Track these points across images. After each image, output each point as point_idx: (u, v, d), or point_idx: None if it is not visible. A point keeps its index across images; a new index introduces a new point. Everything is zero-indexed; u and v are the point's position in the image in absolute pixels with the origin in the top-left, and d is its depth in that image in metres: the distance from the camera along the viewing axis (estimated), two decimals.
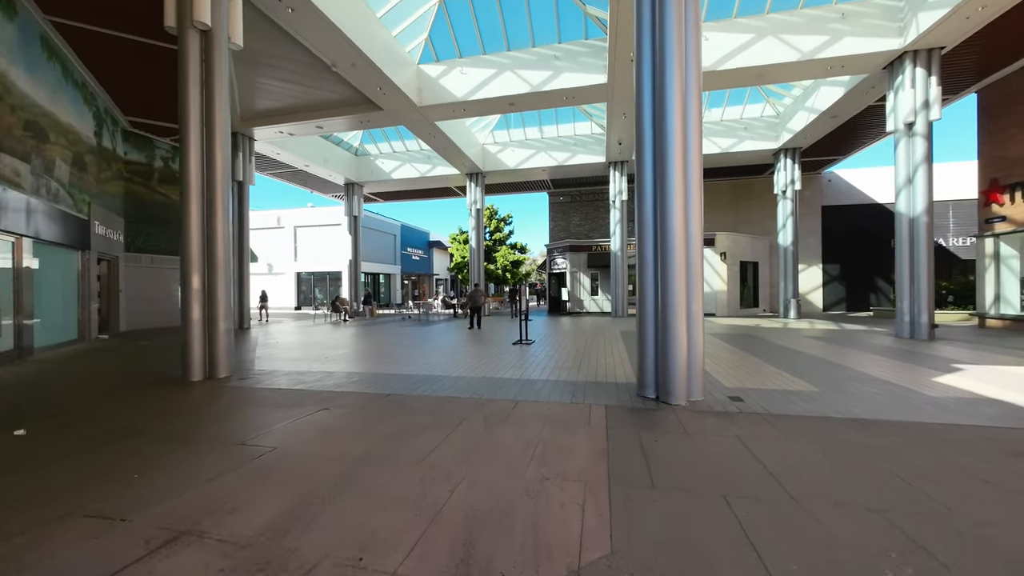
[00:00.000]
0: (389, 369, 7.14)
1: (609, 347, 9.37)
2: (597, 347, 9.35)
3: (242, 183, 15.68)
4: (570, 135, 20.11)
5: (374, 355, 8.60)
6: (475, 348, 9.44)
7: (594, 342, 10.20)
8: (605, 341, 10.36)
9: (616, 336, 11.38)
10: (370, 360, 8.02)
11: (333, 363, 7.75)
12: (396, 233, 35.21)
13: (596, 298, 21.98)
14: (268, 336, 12.69)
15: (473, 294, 13.87)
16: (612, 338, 10.95)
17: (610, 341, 10.37)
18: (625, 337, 11.10)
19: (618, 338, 10.95)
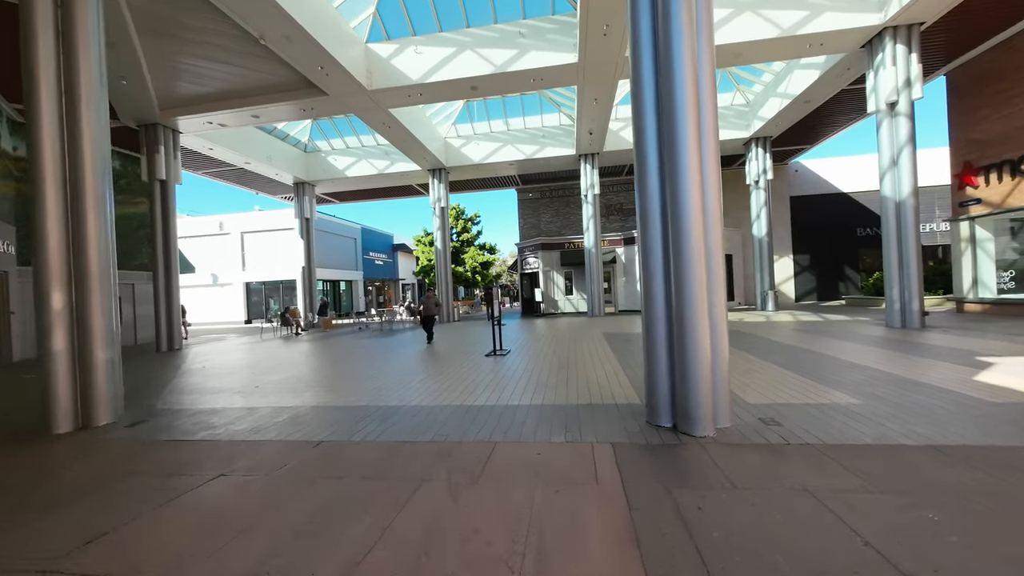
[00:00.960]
0: (330, 399, 5.69)
1: (595, 353, 8.26)
2: (581, 354, 8.21)
3: (166, 182, 13.59)
4: (538, 127, 19.05)
5: (317, 379, 7.10)
6: (442, 364, 8.09)
7: (577, 348, 9.07)
8: (589, 346, 9.25)
9: (599, 339, 10.31)
10: (310, 387, 6.53)
11: (261, 394, 6.21)
12: (356, 236, 33.11)
13: (571, 298, 21.03)
14: (198, 359, 10.82)
15: (424, 302, 11.63)
16: (595, 342, 9.87)
17: (595, 346, 9.27)
18: (610, 340, 10.05)
19: (602, 341, 9.88)
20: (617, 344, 9.37)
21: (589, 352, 8.42)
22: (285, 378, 7.30)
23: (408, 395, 5.65)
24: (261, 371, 8.16)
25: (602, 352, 8.38)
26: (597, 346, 9.20)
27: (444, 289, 19.70)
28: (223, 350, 12.48)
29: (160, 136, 13.41)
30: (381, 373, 7.24)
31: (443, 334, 13.77)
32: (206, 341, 15.90)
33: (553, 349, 9.04)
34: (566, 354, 8.32)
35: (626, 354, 8.02)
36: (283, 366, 8.62)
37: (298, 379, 7.17)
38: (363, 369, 7.69)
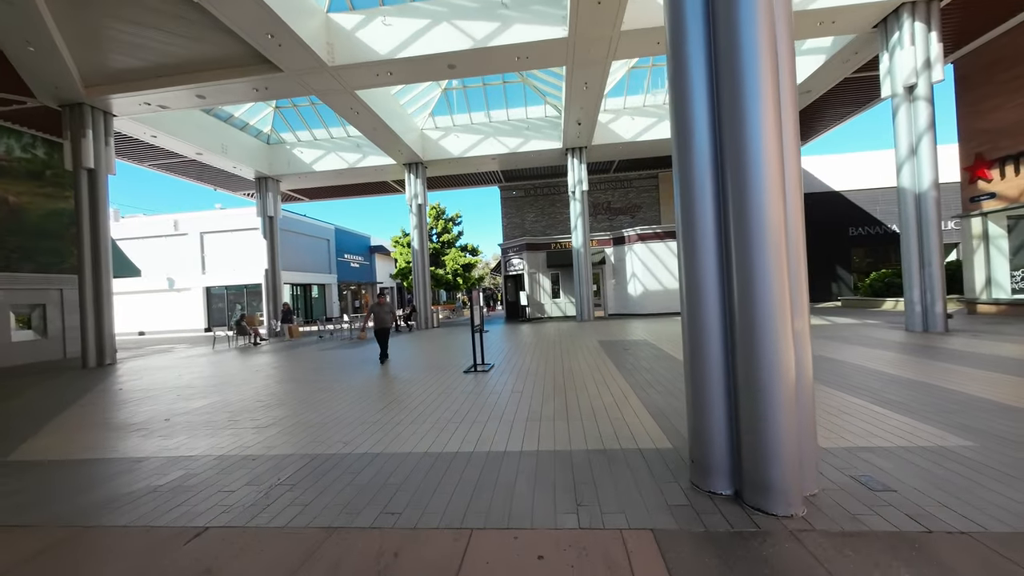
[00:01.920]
0: (251, 441, 4.23)
1: (595, 368, 6.98)
2: (579, 370, 6.92)
3: (95, 171, 11.76)
4: (522, 119, 17.81)
5: (248, 407, 5.60)
6: (411, 384, 6.68)
7: (572, 361, 7.78)
8: (586, 358, 7.98)
9: (595, 349, 9.05)
10: (234, 421, 5.03)
11: (167, 431, 4.69)
12: (330, 238, 31.25)
13: (558, 301, 19.82)
14: (123, 378, 9.09)
15: (375, 310, 8.65)
16: (592, 353, 8.60)
17: (592, 358, 8.00)
18: (608, 350, 8.80)
19: (599, 352, 8.62)
20: (617, 355, 8.12)
21: (588, 367, 7.14)
22: (210, 406, 5.77)
23: (358, 435, 4.23)
24: (187, 395, 6.59)
25: (603, 366, 7.11)
26: (595, 358, 7.93)
27: (422, 292, 18.22)
28: (161, 366, 10.73)
29: (87, 118, 11.60)
30: (333, 398, 5.78)
31: (418, 343, 12.32)
32: (150, 354, 14.02)
33: (544, 363, 7.73)
34: (561, 370, 7.01)
35: (632, 368, 6.77)
36: (218, 387, 7.06)
37: (225, 408, 5.65)
38: (312, 393, 6.22)
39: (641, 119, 17.01)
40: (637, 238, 18.45)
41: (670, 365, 6.82)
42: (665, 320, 15.44)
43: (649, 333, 11.42)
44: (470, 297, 7.23)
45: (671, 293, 18.01)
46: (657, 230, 18.31)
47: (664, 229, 18.26)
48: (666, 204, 21.93)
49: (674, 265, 17.98)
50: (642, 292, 18.34)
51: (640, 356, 7.82)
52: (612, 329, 13.24)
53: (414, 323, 18.01)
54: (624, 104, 17.16)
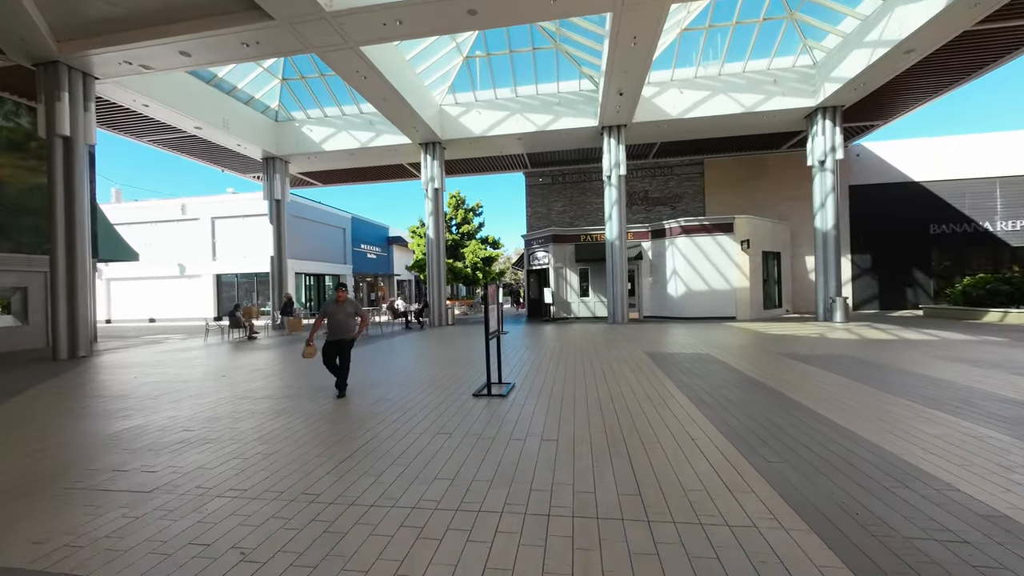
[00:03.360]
0: (150, 506, 2.46)
1: (661, 401, 4.98)
2: (637, 403, 4.94)
3: (71, 140, 10.45)
4: (552, 93, 15.77)
5: (151, 445, 3.88)
6: (391, 417, 4.84)
7: (622, 383, 5.80)
8: (640, 381, 5.97)
9: (645, 365, 7.03)
10: (149, 468, 3.30)
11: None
12: (346, 227, 30.00)
13: (586, 300, 17.75)
14: (72, 379, 7.65)
15: (329, 311, 5.50)
16: (644, 371, 6.59)
17: (649, 381, 5.99)
18: (664, 366, 6.77)
19: (652, 370, 6.60)
20: (680, 376, 6.09)
21: (645, 395, 5.14)
22: (139, 429, 4.09)
23: (274, 534, 2.40)
24: (108, 412, 4.97)
25: (668, 397, 5.10)
26: (651, 380, 5.92)
27: (436, 285, 16.50)
28: (133, 361, 9.32)
29: (62, 79, 10.28)
30: (280, 433, 4.01)
31: (426, 345, 10.56)
32: (136, 345, 12.77)
33: (583, 384, 5.77)
34: (608, 398, 5.04)
35: (715, 404, 4.74)
36: (158, 400, 5.43)
37: (121, 443, 3.95)
38: (264, 421, 4.47)
39: (692, 92, 14.70)
40: (680, 231, 16.18)
41: (771, 401, 4.76)
42: (712, 326, 13.19)
43: (705, 343, 9.29)
44: (486, 292, 5.34)
45: (718, 295, 15.70)
46: (705, 222, 15.98)
47: (713, 221, 15.92)
48: (713, 194, 19.49)
49: (724, 263, 15.66)
50: (683, 293, 16.09)
51: (714, 380, 5.77)
52: (654, 335, 11.13)
53: (426, 319, 16.31)
54: (672, 76, 14.89)
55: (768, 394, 4.94)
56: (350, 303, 5.51)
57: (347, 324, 5.45)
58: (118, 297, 25.39)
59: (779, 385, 5.33)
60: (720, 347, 8.68)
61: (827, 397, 4.76)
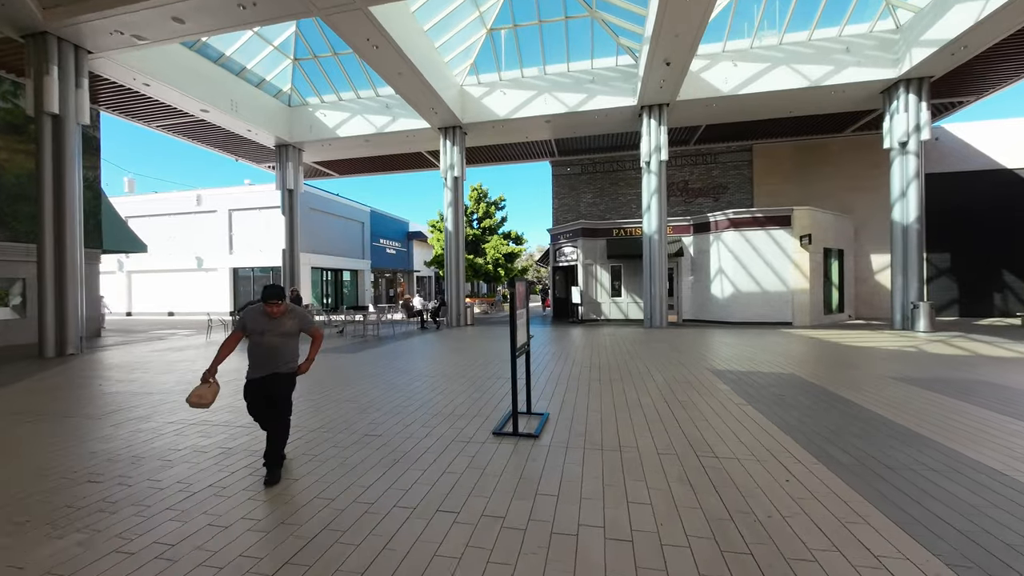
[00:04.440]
0: None
1: (767, 452, 3.44)
2: (730, 453, 3.42)
3: (60, 118, 9.58)
4: (586, 70, 14.17)
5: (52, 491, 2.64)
6: (381, 471, 3.48)
7: (701, 421, 4.27)
8: (722, 415, 4.43)
9: (720, 390, 5.46)
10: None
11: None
12: (365, 220, 29.16)
13: (619, 300, 16.11)
14: (66, 376, 6.66)
15: (252, 328, 3.09)
16: (720, 399, 5.02)
17: (731, 412, 4.44)
18: (746, 393, 5.20)
19: (731, 397, 5.03)
20: (777, 411, 4.50)
21: (749, 452, 3.57)
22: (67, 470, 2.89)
23: None
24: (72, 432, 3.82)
25: (784, 452, 3.53)
26: (742, 420, 4.35)
27: (454, 282, 15.21)
28: (119, 363, 8.35)
29: (52, 52, 9.40)
30: (222, 502, 2.73)
31: (440, 351, 9.23)
32: (136, 341, 11.97)
33: (643, 424, 4.26)
34: (691, 453, 3.52)
35: (864, 469, 3.14)
36: (114, 414, 4.27)
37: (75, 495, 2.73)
38: (182, 471, 3.20)
39: (747, 65, 12.84)
40: (728, 224, 14.33)
41: (944, 463, 3.16)
42: (769, 334, 11.38)
43: (779, 357, 7.61)
44: (512, 292, 3.88)
45: (771, 298, 13.81)
46: (758, 214, 14.09)
47: (767, 213, 14.01)
48: (762, 184, 17.48)
49: (780, 261, 13.76)
50: (730, 294, 14.25)
51: (832, 421, 4.17)
52: (705, 345, 9.46)
53: (443, 319, 15.04)
54: (724, 47, 13.06)
55: (935, 452, 3.32)
56: (293, 315, 3.20)
57: (284, 349, 3.12)
58: (139, 290, 25.25)
59: (935, 432, 3.70)
60: (801, 363, 7.00)
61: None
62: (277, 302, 3.03)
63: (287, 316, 3.16)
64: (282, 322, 3.11)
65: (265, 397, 3.10)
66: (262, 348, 3.07)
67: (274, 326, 3.08)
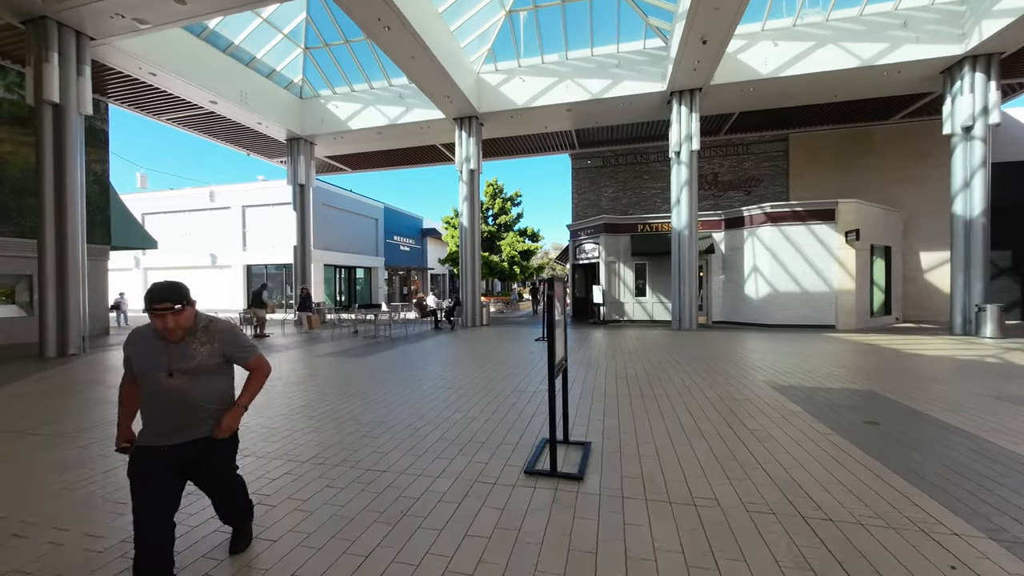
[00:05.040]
0: None
1: (905, 519, 2.60)
2: (841, 511, 2.59)
3: (61, 106, 9.15)
4: (611, 54, 13.26)
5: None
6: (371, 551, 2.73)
7: (781, 455, 3.43)
8: (805, 445, 3.58)
9: (789, 410, 4.59)
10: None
11: None
12: (378, 217, 28.69)
13: (643, 300, 15.18)
14: (54, 381, 6.17)
15: (141, 367, 1.82)
16: (795, 423, 4.16)
17: (815, 442, 3.59)
18: (819, 412, 4.33)
19: (809, 423, 4.16)
20: (876, 443, 3.63)
21: (863, 501, 2.76)
22: None
23: None
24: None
25: (915, 511, 2.69)
26: (836, 455, 3.48)
27: (470, 280, 14.50)
28: (108, 365, 7.86)
29: (52, 37, 8.96)
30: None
31: (455, 355, 8.52)
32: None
33: (710, 457, 3.44)
34: (783, 505, 2.71)
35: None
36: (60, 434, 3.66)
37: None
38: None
39: (789, 45, 11.76)
40: (765, 218, 13.27)
41: None
42: (814, 339, 10.36)
43: (842, 368, 6.67)
44: (549, 294, 3.08)
45: (813, 299, 12.73)
46: (798, 208, 13.00)
47: (809, 207, 12.90)
48: (799, 176, 16.31)
49: (822, 259, 12.67)
50: (766, 295, 13.21)
51: (955, 461, 3.30)
52: (748, 351, 8.53)
53: (458, 319, 14.35)
54: (763, 26, 12.00)
55: None
56: (210, 334, 1.92)
57: (201, 398, 1.89)
58: None
59: None
60: (872, 376, 6.06)
61: None
62: (169, 307, 1.73)
63: (198, 337, 1.85)
64: (189, 349, 1.82)
65: (179, 477, 1.87)
66: (163, 397, 1.79)
67: (178, 357, 1.80)
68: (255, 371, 2.06)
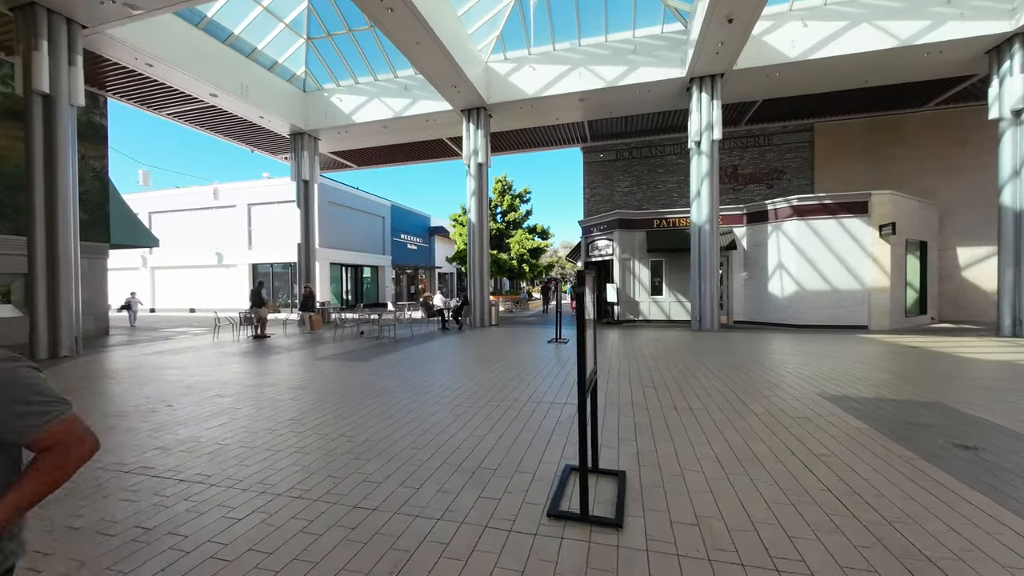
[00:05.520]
0: None
1: None
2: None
3: (51, 97, 8.75)
4: (627, 40, 12.56)
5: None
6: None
7: (874, 498, 2.79)
8: (901, 484, 2.93)
9: (857, 429, 3.91)
10: None
11: None
12: (385, 215, 28.27)
13: (659, 299, 14.47)
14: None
15: None
16: (876, 450, 3.49)
17: (913, 480, 2.93)
18: (899, 433, 3.66)
19: (888, 447, 3.48)
20: (991, 481, 2.97)
21: (1006, 568, 2.12)
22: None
23: None
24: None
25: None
26: (927, 487, 2.84)
27: (478, 278, 13.92)
28: (102, 369, 7.42)
29: (42, 25, 8.56)
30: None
31: (464, 357, 7.93)
32: (140, 341, 11.21)
33: (776, 494, 2.82)
34: (899, 574, 2.07)
35: None
36: None
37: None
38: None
39: (820, 24, 10.97)
40: (791, 212, 12.48)
41: None
42: (848, 340, 9.59)
43: (891, 374, 5.96)
44: (579, 292, 2.48)
45: (844, 297, 11.93)
46: (827, 201, 12.19)
47: (839, 200, 12.10)
48: (825, 168, 15.45)
49: (854, 255, 11.86)
50: (792, 293, 12.42)
51: None
52: (785, 355, 7.82)
53: (466, 319, 13.77)
54: (791, 6, 11.23)
55: None
56: None
57: None
58: (162, 286, 25.12)
59: None
60: (933, 386, 5.34)
61: None
62: None
63: None
64: None
65: None
66: None
67: None
68: (50, 452, 0.96)
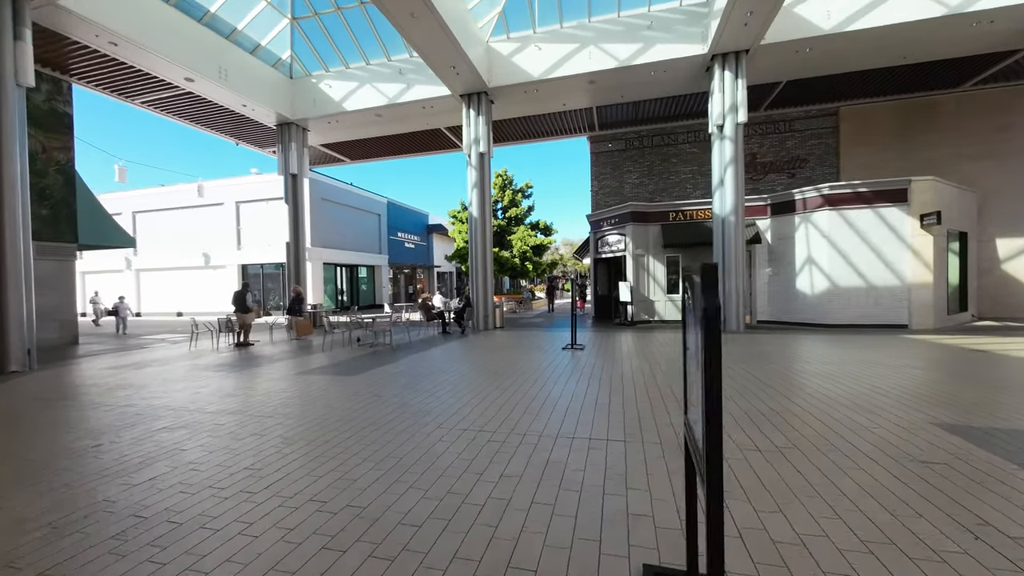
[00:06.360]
0: None
1: None
2: None
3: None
4: (641, 15, 11.49)
5: None
6: None
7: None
8: None
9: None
10: None
11: None
12: (381, 213, 27.20)
13: (676, 298, 13.45)
14: None
15: None
16: None
17: None
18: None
19: None
20: None
21: None
22: None
23: None
24: None
25: None
26: None
27: (481, 278, 12.87)
28: (55, 387, 6.33)
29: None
30: None
31: (467, 368, 6.88)
32: (110, 351, 10.12)
33: None
34: None
35: None
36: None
37: None
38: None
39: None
40: (822, 201, 11.46)
41: None
42: (895, 342, 8.56)
43: (985, 387, 4.94)
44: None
45: (881, 294, 10.93)
46: (861, 189, 11.17)
47: (874, 187, 11.09)
48: (851, 155, 14.43)
49: (892, 247, 10.85)
50: (824, 290, 11.42)
51: None
52: (843, 363, 6.78)
53: (469, 321, 12.72)
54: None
55: None
56: None
57: None
58: (147, 289, 24.01)
59: None
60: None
61: None
62: None
63: None
64: None
65: None
66: None
67: None
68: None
